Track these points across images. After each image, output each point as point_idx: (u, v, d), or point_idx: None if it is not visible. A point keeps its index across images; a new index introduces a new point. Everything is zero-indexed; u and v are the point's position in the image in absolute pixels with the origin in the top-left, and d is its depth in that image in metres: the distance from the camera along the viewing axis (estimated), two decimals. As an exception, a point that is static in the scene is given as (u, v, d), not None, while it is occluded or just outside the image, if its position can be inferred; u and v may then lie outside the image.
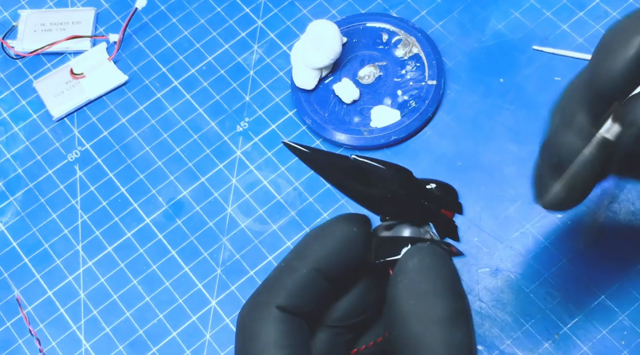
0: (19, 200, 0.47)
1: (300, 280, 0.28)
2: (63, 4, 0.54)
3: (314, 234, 0.30)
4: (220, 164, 0.47)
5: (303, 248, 0.29)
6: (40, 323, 0.44)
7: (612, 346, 0.40)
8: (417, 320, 0.25)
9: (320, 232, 0.30)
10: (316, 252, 0.29)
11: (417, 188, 0.29)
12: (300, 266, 0.29)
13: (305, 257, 0.29)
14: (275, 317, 0.28)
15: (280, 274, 0.29)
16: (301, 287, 0.28)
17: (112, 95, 0.50)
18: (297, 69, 0.48)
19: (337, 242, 0.29)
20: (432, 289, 0.25)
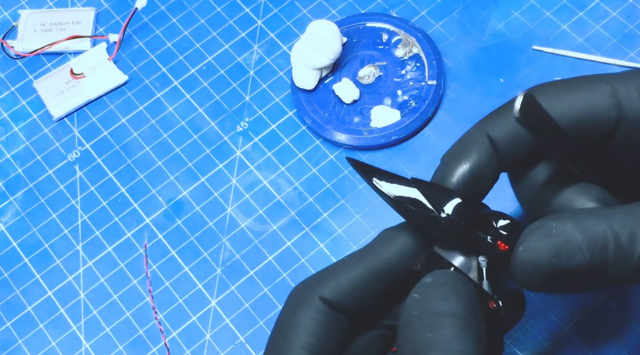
0: (19, 200, 0.47)
1: (353, 278, 0.29)
2: (63, 4, 0.54)
3: (384, 236, 0.30)
4: (220, 164, 0.47)
5: (369, 249, 0.30)
6: (40, 323, 0.44)
7: (612, 346, 0.40)
8: (423, 329, 0.25)
9: (385, 237, 0.30)
10: (378, 255, 0.29)
11: (479, 221, 0.29)
12: (358, 265, 0.29)
13: (367, 258, 0.29)
14: (315, 307, 0.28)
15: (338, 267, 0.29)
16: (352, 285, 0.29)
17: (112, 95, 0.50)
18: (297, 69, 0.48)
19: (400, 250, 0.29)
20: (444, 304, 0.26)
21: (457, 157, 0.30)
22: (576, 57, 0.47)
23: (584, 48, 0.47)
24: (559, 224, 0.26)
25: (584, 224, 0.26)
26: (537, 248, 0.26)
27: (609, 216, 0.26)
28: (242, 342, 0.42)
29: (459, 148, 0.31)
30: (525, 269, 0.26)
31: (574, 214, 0.27)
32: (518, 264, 0.27)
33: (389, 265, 0.29)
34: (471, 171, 0.30)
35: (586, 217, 0.26)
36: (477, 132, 0.31)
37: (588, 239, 0.26)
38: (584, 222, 0.26)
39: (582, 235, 0.26)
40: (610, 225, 0.26)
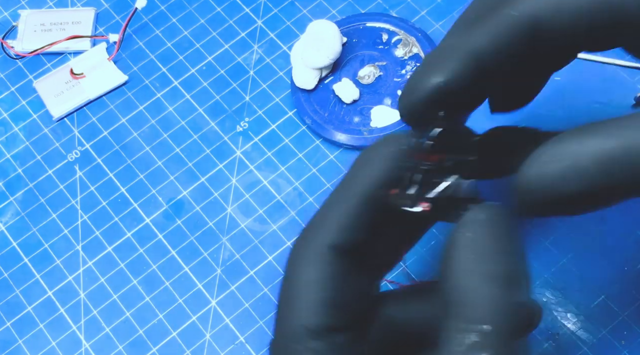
0: (19, 200, 0.47)
1: (350, 211, 0.27)
2: (63, 4, 0.54)
3: (361, 159, 0.29)
4: (220, 164, 0.47)
5: (346, 180, 0.28)
6: (40, 323, 0.44)
7: (612, 346, 0.40)
8: (476, 274, 0.24)
9: (362, 160, 0.28)
10: (361, 180, 0.28)
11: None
12: (347, 197, 0.28)
13: (350, 186, 0.28)
14: (317, 256, 0.27)
15: (326, 210, 0.28)
16: (351, 219, 0.27)
17: (112, 95, 0.50)
18: (297, 69, 0.48)
19: (381, 171, 0.28)
20: (497, 246, 0.24)
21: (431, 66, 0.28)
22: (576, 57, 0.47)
23: (584, 48, 0.47)
24: (562, 147, 0.24)
25: (587, 145, 0.24)
26: (539, 177, 0.24)
27: (615, 132, 0.24)
28: (242, 342, 0.42)
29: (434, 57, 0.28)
30: (526, 198, 0.25)
31: (577, 132, 0.25)
32: (519, 193, 0.25)
33: (375, 189, 0.28)
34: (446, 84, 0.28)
35: (590, 136, 0.24)
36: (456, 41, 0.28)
37: (592, 161, 0.24)
38: (587, 142, 0.24)
39: (585, 159, 0.24)
40: (616, 142, 0.24)
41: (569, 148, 0.24)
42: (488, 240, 0.24)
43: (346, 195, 0.28)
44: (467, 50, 0.27)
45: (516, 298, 0.23)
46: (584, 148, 0.24)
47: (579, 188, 0.24)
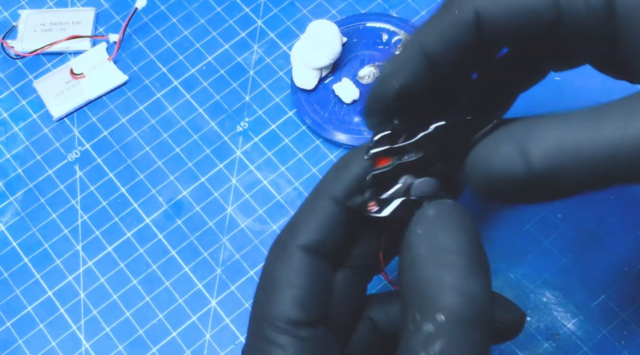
0: (19, 200, 0.47)
1: (320, 214, 0.28)
2: (63, 4, 0.54)
3: (330, 170, 0.30)
4: (220, 164, 0.47)
5: (320, 184, 0.29)
6: (40, 323, 0.44)
7: (612, 346, 0.40)
8: (431, 265, 0.24)
9: (339, 164, 0.30)
10: (333, 184, 0.29)
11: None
12: (318, 200, 0.29)
13: (322, 190, 0.29)
14: (295, 258, 0.28)
15: (300, 213, 0.29)
16: (321, 221, 0.28)
17: (112, 95, 0.50)
18: (297, 69, 0.48)
19: (353, 174, 0.29)
20: (451, 239, 0.24)
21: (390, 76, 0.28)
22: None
23: (584, 48, 0.47)
24: (509, 133, 0.24)
25: (535, 131, 0.24)
26: (484, 158, 0.25)
27: (566, 121, 0.24)
28: (242, 342, 0.42)
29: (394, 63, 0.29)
30: (476, 181, 0.25)
31: (529, 120, 0.24)
32: (469, 176, 0.25)
33: (347, 191, 0.28)
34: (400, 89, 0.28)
35: (540, 124, 0.24)
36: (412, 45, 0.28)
37: (537, 147, 0.23)
38: (535, 129, 0.24)
39: (531, 144, 0.23)
40: (564, 131, 0.23)
41: (517, 132, 0.24)
42: (438, 234, 0.25)
43: (316, 199, 0.29)
44: (418, 51, 0.28)
45: (470, 287, 0.23)
46: (532, 133, 0.24)
47: (521, 174, 0.23)
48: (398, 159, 0.28)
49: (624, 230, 0.42)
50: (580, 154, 0.23)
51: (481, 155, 0.25)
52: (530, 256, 0.42)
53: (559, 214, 0.43)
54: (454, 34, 0.27)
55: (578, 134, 0.23)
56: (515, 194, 0.24)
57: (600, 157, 0.22)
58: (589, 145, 0.22)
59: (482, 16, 0.27)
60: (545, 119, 0.24)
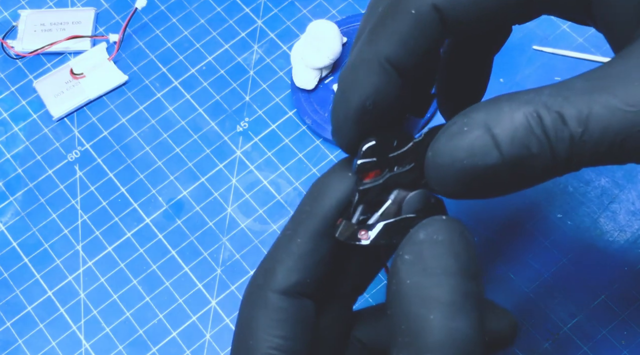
0: (19, 200, 0.47)
1: (299, 251, 0.26)
2: (63, 4, 0.54)
3: (310, 192, 0.27)
4: (220, 164, 0.47)
5: (296, 215, 0.27)
6: (40, 323, 0.44)
7: (612, 346, 0.40)
8: (417, 299, 0.22)
9: (317, 186, 0.27)
10: (310, 215, 0.26)
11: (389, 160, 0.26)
12: (296, 236, 0.26)
13: (299, 223, 0.26)
14: (272, 305, 0.26)
15: (277, 250, 0.27)
16: (300, 259, 0.26)
17: (112, 95, 0.50)
18: (297, 69, 0.48)
19: (333, 200, 0.26)
20: (440, 268, 0.22)
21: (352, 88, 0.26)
22: (576, 57, 0.47)
23: (584, 48, 0.47)
24: (471, 118, 0.22)
25: (499, 113, 0.22)
26: (447, 150, 0.22)
27: (532, 99, 0.21)
28: (242, 342, 0.42)
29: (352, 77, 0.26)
30: (438, 176, 0.22)
31: (490, 102, 0.22)
32: (430, 171, 0.23)
33: (328, 221, 0.26)
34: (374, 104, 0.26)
35: (503, 104, 0.22)
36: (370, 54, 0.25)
37: (504, 130, 0.21)
38: (499, 111, 0.22)
39: (497, 127, 0.21)
40: (532, 109, 0.21)
41: (479, 117, 0.22)
42: (427, 262, 0.22)
43: (294, 234, 0.26)
44: (381, 60, 0.25)
45: (457, 325, 0.21)
46: (496, 115, 0.22)
47: (491, 161, 0.21)
48: (389, 170, 0.26)
49: (624, 230, 0.42)
50: (547, 126, 0.21)
51: (444, 148, 0.22)
52: (530, 256, 0.42)
53: (558, 214, 0.43)
54: (418, 35, 0.25)
55: (546, 112, 0.21)
56: (484, 185, 0.22)
57: (568, 136, 0.21)
58: (556, 123, 0.21)
59: (442, 9, 0.24)
60: (507, 99, 0.22)
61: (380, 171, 0.26)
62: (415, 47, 0.25)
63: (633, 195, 0.43)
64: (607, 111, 0.21)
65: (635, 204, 0.43)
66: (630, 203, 0.43)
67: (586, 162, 0.21)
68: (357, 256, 0.28)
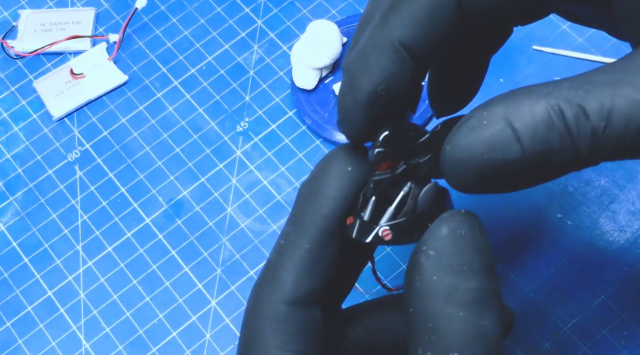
0: (19, 200, 0.47)
1: (306, 258, 0.24)
2: (63, 4, 0.54)
3: (306, 192, 0.25)
4: (220, 164, 0.47)
5: (299, 215, 0.25)
6: (40, 323, 0.44)
7: (612, 346, 0.40)
8: (442, 298, 0.21)
9: (312, 185, 0.25)
10: (316, 217, 0.24)
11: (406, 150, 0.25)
12: (301, 240, 0.24)
13: (304, 226, 0.25)
14: (283, 317, 0.24)
15: (281, 256, 0.25)
16: (309, 265, 0.24)
17: (112, 95, 0.50)
18: (297, 69, 0.48)
19: (338, 198, 0.25)
20: (466, 264, 0.22)
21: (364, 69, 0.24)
22: (576, 57, 0.47)
23: (584, 48, 0.47)
24: (490, 112, 0.21)
25: (519, 106, 0.21)
26: (466, 145, 0.21)
27: (551, 92, 0.21)
28: (242, 342, 0.42)
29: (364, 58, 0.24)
30: (456, 170, 0.22)
31: (509, 95, 0.22)
32: (447, 165, 0.22)
33: (335, 221, 0.24)
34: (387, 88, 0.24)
35: (523, 97, 0.21)
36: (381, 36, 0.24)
37: (525, 124, 0.21)
38: (519, 104, 0.21)
39: (518, 121, 0.21)
40: (553, 102, 0.21)
41: (499, 110, 0.21)
42: (452, 258, 0.22)
43: (298, 238, 0.25)
44: (395, 44, 0.24)
45: (485, 323, 0.21)
46: (516, 109, 0.21)
47: (512, 155, 0.21)
48: (404, 162, 0.25)
49: (624, 230, 0.42)
50: (571, 127, 0.20)
51: (462, 142, 0.21)
52: (530, 256, 0.42)
53: (558, 214, 0.43)
54: (435, 19, 0.23)
55: (567, 106, 0.20)
56: (503, 180, 0.22)
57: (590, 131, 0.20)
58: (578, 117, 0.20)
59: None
60: (527, 92, 0.21)
61: (395, 163, 0.25)
62: (431, 32, 0.24)
63: (633, 195, 0.43)
64: (630, 104, 0.20)
65: (635, 204, 0.43)
66: (630, 203, 0.43)
67: (606, 157, 0.21)
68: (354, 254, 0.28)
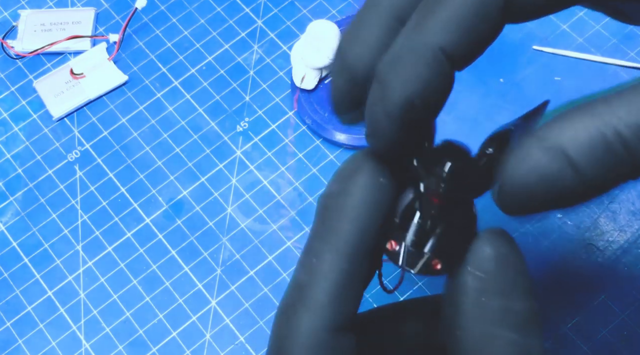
0: (19, 200, 0.47)
1: (342, 279, 0.22)
2: (63, 4, 0.54)
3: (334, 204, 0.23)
4: (220, 164, 0.47)
5: (330, 231, 0.23)
6: (40, 323, 0.44)
7: (612, 346, 0.40)
8: (493, 320, 0.21)
9: (342, 198, 0.23)
10: (349, 234, 0.22)
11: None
12: (338, 260, 0.22)
13: (336, 244, 0.23)
14: (321, 344, 0.22)
15: (314, 276, 0.23)
16: (345, 288, 0.22)
17: (112, 95, 0.50)
18: (297, 69, 0.48)
19: (370, 214, 0.23)
20: (512, 285, 0.21)
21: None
22: (576, 57, 0.47)
23: (584, 48, 0.47)
24: (543, 140, 0.20)
25: (574, 131, 0.20)
26: (520, 176, 0.20)
27: (604, 113, 0.20)
28: (242, 342, 0.42)
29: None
30: (509, 202, 0.21)
31: (560, 119, 0.20)
32: (501, 196, 0.21)
33: (370, 242, 0.23)
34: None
35: (575, 120, 0.20)
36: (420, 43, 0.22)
37: (582, 150, 0.20)
38: (573, 129, 0.20)
39: (573, 148, 0.20)
40: (608, 125, 0.19)
41: (552, 137, 0.20)
42: (499, 279, 0.21)
43: (333, 256, 0.22)
44: (434, 50, 0.22)
45: (534, 340, 0.21)
46: (571, 135, 0.20)
47: (568, 184, 0.20)
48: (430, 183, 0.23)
49: (624, 230, 0.42)
50: (632, 149, 0.19)
51: (515, 174, 0.20)
52: (530, 256, 0.42)
53: (558, 214, 0.43)
54: (479, 21, 0.22)
55: (623, 128, 0.19)
56: (555, 205, 0.21)
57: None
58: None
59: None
60: (578, 113, 0.20)
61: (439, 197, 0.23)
62: (476, 36, 0.22)
63: (633, 195, 0.43)
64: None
65: (635, 204, 0.43)
66: (630, 203, 0.43)
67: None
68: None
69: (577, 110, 0.20)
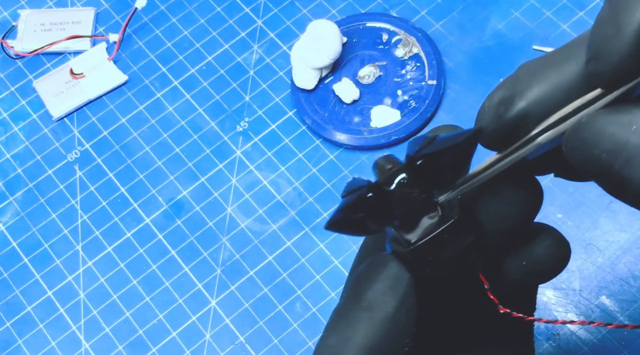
0: (19, 200, 0.47)
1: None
2: (63, 4, 0.54)
3: (385, 279, 0.23)
4: (220, 164, 0.47)
5: (347, 327, 0.22)
6: (40, 323, 0.44)
7: (612, 346, 0.40)
8: None
9: (390, 275, 0.23)
10: (362, 333, 0.22)
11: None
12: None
13: (348, 340, 0.22)
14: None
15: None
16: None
17: (112, 95, 0.50)
18: (297, 69, 0.48)
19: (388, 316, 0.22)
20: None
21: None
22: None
23: (584, 48, 0.47)
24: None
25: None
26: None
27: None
28: (242, 342, 0.42)
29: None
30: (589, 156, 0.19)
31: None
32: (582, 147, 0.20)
33: (382, 343, 0.22)
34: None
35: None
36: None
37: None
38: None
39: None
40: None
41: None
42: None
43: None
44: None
45: None
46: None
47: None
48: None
49: (624, 230, 0.42)
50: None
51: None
52: (530, 256, 0.42)
53: (558, 214, 0.43)
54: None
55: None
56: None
57: None
58: None
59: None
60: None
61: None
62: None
63: (633, 195, 0.43)
64: None
65: (635, 204, 0.43)
66: (630, 203, 0.43)
67: None
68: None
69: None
